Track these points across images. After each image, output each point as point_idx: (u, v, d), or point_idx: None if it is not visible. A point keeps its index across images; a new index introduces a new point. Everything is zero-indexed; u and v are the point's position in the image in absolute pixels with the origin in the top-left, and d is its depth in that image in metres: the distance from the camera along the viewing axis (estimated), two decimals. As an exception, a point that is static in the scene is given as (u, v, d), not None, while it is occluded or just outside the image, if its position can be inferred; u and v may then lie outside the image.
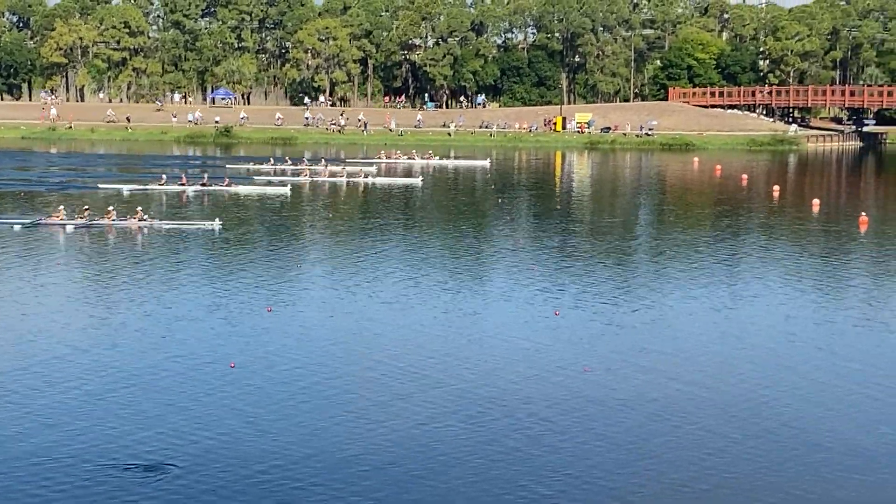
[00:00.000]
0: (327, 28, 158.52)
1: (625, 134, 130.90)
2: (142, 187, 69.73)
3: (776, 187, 76.58)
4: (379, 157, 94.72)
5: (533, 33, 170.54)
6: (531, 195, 73.21)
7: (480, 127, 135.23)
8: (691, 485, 20.23)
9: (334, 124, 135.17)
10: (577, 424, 23.36)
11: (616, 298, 36.77)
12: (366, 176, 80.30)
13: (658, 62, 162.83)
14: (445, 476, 20.45)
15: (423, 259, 44.83)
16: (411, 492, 19.77)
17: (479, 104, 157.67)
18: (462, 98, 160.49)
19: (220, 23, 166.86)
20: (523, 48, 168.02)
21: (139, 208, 53.72)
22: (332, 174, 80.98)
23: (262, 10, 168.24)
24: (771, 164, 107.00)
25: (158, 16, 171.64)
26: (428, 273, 41.30)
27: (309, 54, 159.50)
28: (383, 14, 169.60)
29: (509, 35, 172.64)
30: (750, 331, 32.17)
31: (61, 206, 54.03)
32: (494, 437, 22.52)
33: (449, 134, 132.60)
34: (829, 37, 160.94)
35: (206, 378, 26.36)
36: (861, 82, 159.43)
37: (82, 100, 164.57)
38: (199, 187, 68.47)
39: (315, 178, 78.79)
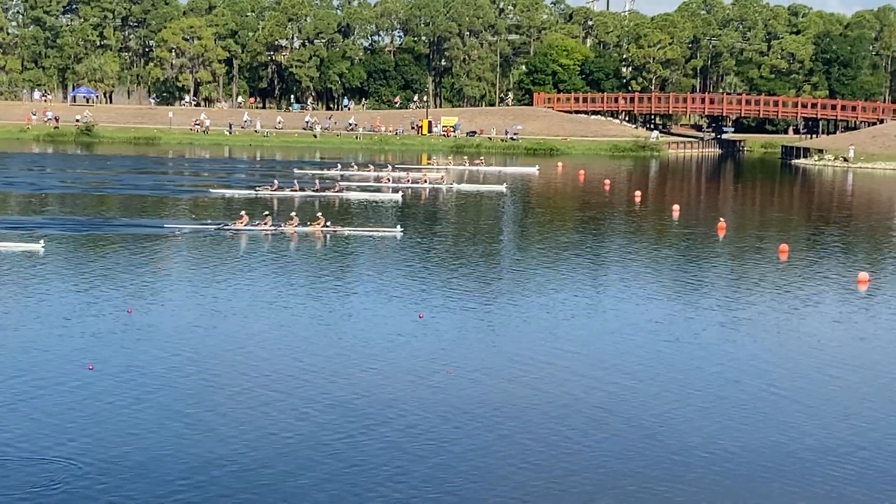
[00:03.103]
0: (192, 27, 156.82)
1: (490, 138, 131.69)
2: (252, 192, 68.65)
3: (638, 193, 77.69)
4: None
5: (400, 36, 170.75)
6: (395, 199, 72.91)
7: (346, 129, 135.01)
8: (550, 486, 20.39)
9: (198, 124, 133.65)
10: (436, 426, 23.37)
11: (480, 302, 36.95)
12: (446, 182, 79.97)
13: (523, 67, 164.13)
14: (301, 480, 20.33)
15: (292, 261, 44.69)
16: (269, 496, 19.63)
17: (346, 107, 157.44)
18: (328, 101, 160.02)
19: (82, 20, 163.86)
20: (390, 51, 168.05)
21: (319, 214, 53.24)
22: (414, 181, 79.80)
23: (125, 8, 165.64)
24: (633, 170, 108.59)
25: (18, 12, 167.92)
26: (294, 276, 41.16)
27: (173, 53, 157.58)
28: (249, 14, 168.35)
29: (376, 38, 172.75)
30: (611, 334, 32.57)
31: (242, 212, 53.21)
32: (355, 439, 22.44)
33: (314, 136, 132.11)
34: (690, 45, 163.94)
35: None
36: (721, 90, 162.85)
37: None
38: (312, 193, 68.24)
39: (398, 185, 77.01)
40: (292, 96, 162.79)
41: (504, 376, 27.45)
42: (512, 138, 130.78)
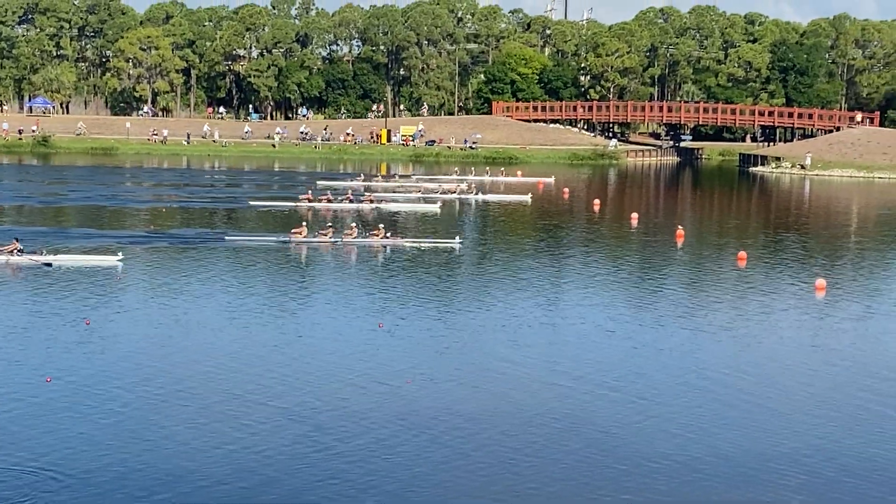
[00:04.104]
0: (149, 37, 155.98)
1: (449, 147, 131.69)
2: (294, 204, 69.41)
3: (597, 201, 77.81)
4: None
5: (358, 46, 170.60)
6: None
7: (304, 139, 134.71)
8: (510, 495, 20.34)
9: (155, 134, 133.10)
10: (397, 436, 23.31)
11: (439, 311, 36.92)
12: (476, 193, 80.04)
13: (482, 76, 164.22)
14: (262, 491, 20.21)
15: (243, 271, 44.51)
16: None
17: (304, 116, 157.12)
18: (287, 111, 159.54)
19: (38, 30, 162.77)
20: (348, 60, 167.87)
21: (381, 226, 53.55)
22: (445, 191, 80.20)
23: (81, 18, 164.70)
24: (591, 178, 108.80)
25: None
26: (247, 286, 41.00)
27: (130, 63, 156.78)
28: (206, 24, 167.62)
29: (334, 47, 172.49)
30: (571, 342, 32.60)
31: (304, 223, 53.84)
32: (316, 449, 22.33)
33: (273, 146, 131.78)
34: (648, 54, 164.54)
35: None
36: (678, 99, 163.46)
37: None
38: (354, 203, 68.90)
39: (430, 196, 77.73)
40: (251, 106, 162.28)
41: (463, 385, 27.41)
42: (471, 147, 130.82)
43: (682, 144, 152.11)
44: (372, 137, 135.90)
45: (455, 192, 79.46)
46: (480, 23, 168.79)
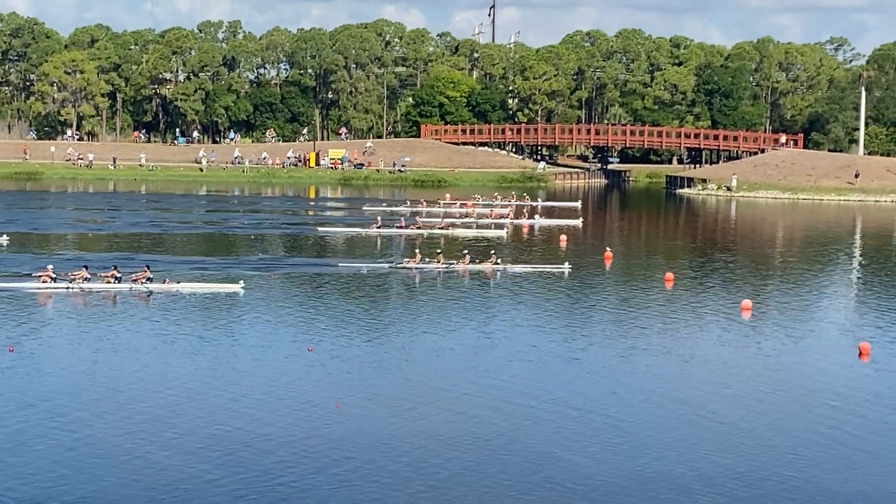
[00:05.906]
0: (74, 61, 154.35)
1: (378, 170, 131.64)
2: (361, 230, 70.87)
3: (525, 223, 78.09)
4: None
5: (286, 69, 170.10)
6: (283, 232, 72.35)
7: (233, 163, 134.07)
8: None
9: (81, 158, 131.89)
10: (325, 459, 23.21)
11: (368, 335, 36.83)
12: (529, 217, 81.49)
13: (410, 99, 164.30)
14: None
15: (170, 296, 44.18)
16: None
17: (231, 140, 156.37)
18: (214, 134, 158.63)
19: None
20: (276, 84, 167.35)
21: (493, 252, 54.77)
22: (500, 216, 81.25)
23: (5, 42, 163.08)
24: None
25: None
26: (174, 310, 40.65)
27: (55, 87, 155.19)
28: (132, 47, 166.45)
29: (262, 71, 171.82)
30: (497, 365, 32.59)
31: (417, 250, 54.74)
32: (244, 474, 22.15)
33: (201, 170, 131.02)
34: (575, 77, 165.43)
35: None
36: (605, 121, 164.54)
37: None
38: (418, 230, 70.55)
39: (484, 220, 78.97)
40: (178, 129, 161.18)
41: (394, 410, 27.34)
42: (400, 170, 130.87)
43: (610, 167, 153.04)
44: (300, 160, 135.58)
45: (508, 217, 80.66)
46: (408, 46, 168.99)
